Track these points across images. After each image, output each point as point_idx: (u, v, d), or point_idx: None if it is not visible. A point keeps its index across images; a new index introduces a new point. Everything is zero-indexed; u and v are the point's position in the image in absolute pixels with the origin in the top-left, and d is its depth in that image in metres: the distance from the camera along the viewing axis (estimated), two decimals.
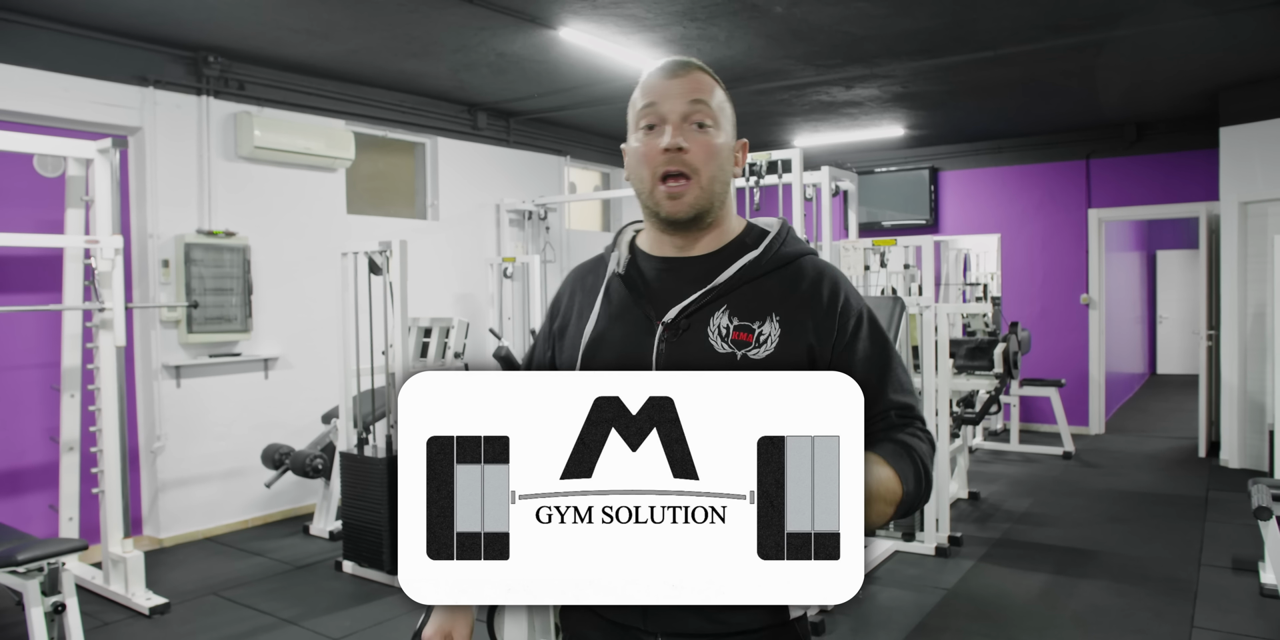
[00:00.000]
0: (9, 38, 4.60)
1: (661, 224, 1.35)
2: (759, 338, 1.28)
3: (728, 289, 1.32)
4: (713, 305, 1.31)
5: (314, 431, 5.77)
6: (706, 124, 1.30)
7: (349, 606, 4.20)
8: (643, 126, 1.32)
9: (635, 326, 1.34)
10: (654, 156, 1.30)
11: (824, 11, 4.73)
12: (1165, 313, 13.49)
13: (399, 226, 6.71)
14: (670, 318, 1.31)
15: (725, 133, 1.34)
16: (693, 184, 1.29)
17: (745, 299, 1.31)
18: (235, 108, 5.58)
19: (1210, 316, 7.58)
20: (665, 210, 1.31)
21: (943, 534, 4.94)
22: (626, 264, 1.41)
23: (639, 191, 1.34)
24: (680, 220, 1.32)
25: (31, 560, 3.25)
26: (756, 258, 1.34)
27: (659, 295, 1.35)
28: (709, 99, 1.31)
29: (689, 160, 1.29)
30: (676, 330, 1.30)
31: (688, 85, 1.31)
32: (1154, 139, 8.13)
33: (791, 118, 7.65)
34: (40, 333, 4.79)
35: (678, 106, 1.29)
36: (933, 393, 4.94)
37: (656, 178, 1.30)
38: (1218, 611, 3.99)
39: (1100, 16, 4.88)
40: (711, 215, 1.34)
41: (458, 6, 4.56)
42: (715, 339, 1.29)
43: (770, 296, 1.32)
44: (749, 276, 1.33)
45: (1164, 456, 7.54)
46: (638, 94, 1.34)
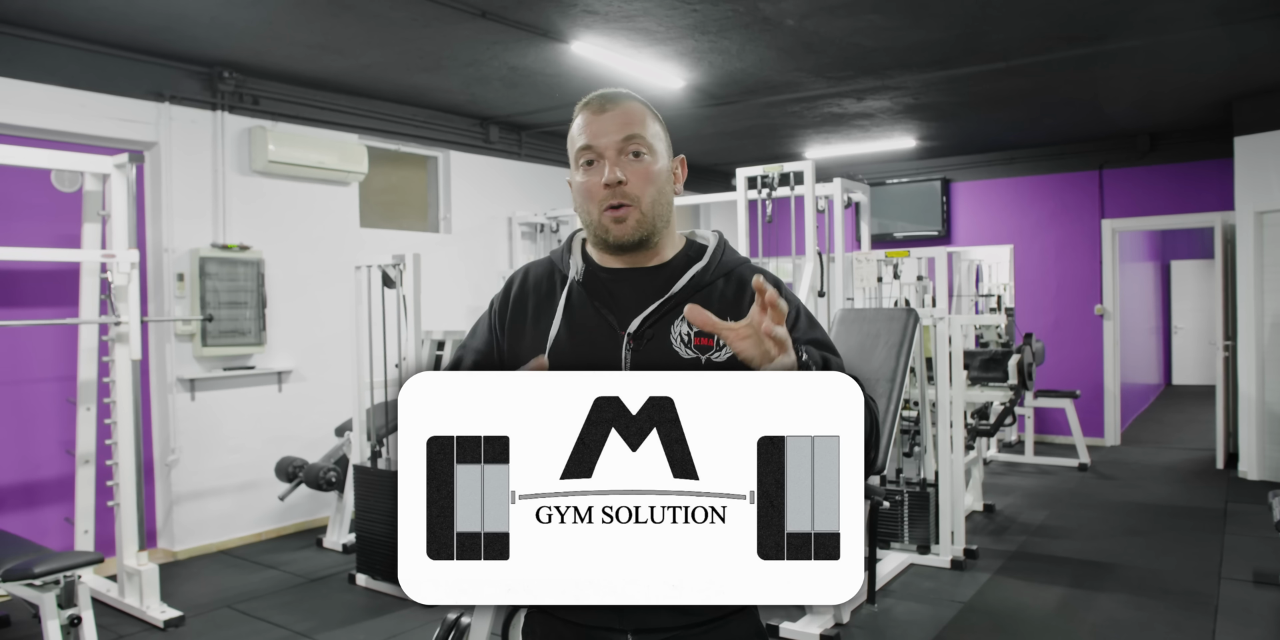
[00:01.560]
0: (27, 55, 4.67)
1: (610, 249, 1.41)
2: (718, 342, 1.36)
3: (683, 298, 1.39)
4: (671, 314, 1.38)
5: (327, 444, 5.79)
6: (641, 152, 1.37)
7: (362, 619, 4.20)
8: (582, 163, 1.38)
9: (599, 335, 1.39)
10: (596, 191, 1.36)
11: (835, 24, 4.74)
12: (1180, 323, 13.39)
13: (412, 240, 6.75)
14: (634, 328, 1.38)
15: (661, 156, 1.41)
16: (634, 210, 1.37)
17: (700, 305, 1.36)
18: (250, 122, 5.64)
19: (1227, 327, 7.51)
20: (613, 236, 1.37)
21: (958, 547, 4.89)
22: (584, 272, 1.45)
23: (586, 224, 1.41)
24: (627, 244, 1.38)
25: (48, 573, 3.26)
26: (703, 267, 1.43)
27: (619, 305, 1.41)
28: (641, 129, 1.38)
29: (629, 191, 1.36)
30: (641, 339, 1.37)
31: (618, 119, 1.37)
32: (1167, 149, 8.10)
33: (803, 130, 7.66)
34: (57, 346, 4.82)
35: (611, 141, 1.36)
36: (947, 404, 4.92)
37: (601, 210, 1.37)
38: (1239, 626, 3.93)
39: (1111, 27, 4.87)
40: (656, 236, 1.41)
41: (469, 21, 4.60)
42: (679, 346, 1.37)
43: (721, 302, 1.41)
44: (699, 285, 1.41)
45: (1181, 468, 7.46)
46: (574, 131, 1.40)
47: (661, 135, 1.42)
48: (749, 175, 5.15)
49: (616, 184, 1.35)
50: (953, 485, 4.89)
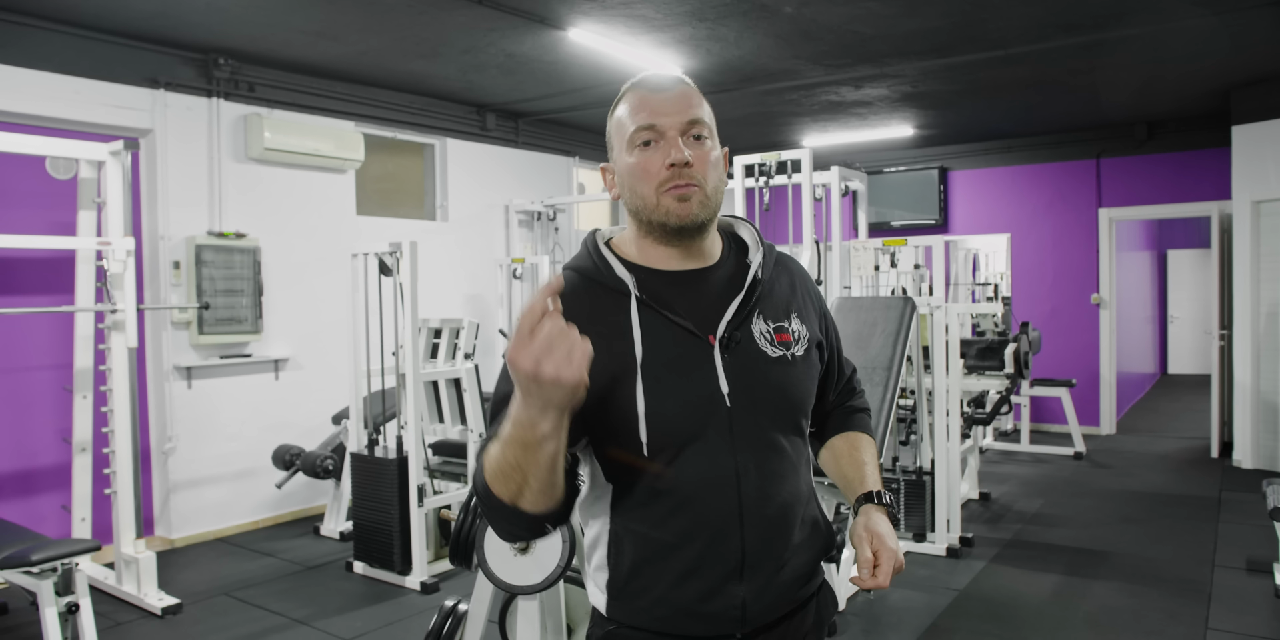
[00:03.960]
0: (21, 41, 4.63)
1: (670, 235, 1.32)
2: (795, 335, 1.36)
3: (758, 296, 1.36)
4: (749, 314, 1.35)
5: (324, 432, 5.79)
6: (704, 136, 1.30)
7: (360, 607, 4.21)
8: (639, 143, 1.29)
9: (685, 347, 1.30)
10: (656, 171, 1.28)
11: (833, 11, 4.72)
12: (1176, 312, 13.41)
13: (408, 227, 6.73)
14: (721, 332, 1.31)
15: (717, 143, 1.35)
16: (699, 191, 1.29)
17: (768, 302, 1.37)
18: (245, 109, 5.61)
19: (1223, 316, 7.53)
20: (675, 217, 1.28)
21: (954, 535, 4.92)
22: (639, 284, 1.33)
23: (639, 208, 1.31)
24: (690, 225, 1.30)
25: (45, 561, 3.27)
26: (763, 261, 1.39)
27: (691, 311, 1.32)
28: (702, 112, 1.32)
29: (694, 173, 1.28)
30: (731, 343, 1.32)
31: (681, 100, 1.30)
32: (1165, 138, 8.09)
33: (801, 118, 7.64)
34: (52, 334, 4.81)
35: (676, 121, 1.28)
36: (943, 393, 4.92)
37: (662, 190, 1.28)
38: (1232, 613, 3.96)
39: (1110, 15, 4.86)
40: (712, 223, 1.35)
41: (466, 8, 4.57)
42: (765, 344, 1.34)
43: (781, 295, 1.40)
44: (761, 278, 1.38)
45: (1176, 457, 7.50)
46: (627, 111, 1.31)
47: (714, 123, 1.36)
48: (747, 163, 5.14)
49: (685, 164, 1.26)
50: (949, 473, 4.91)
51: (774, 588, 1.34)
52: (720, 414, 1.29)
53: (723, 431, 1.29)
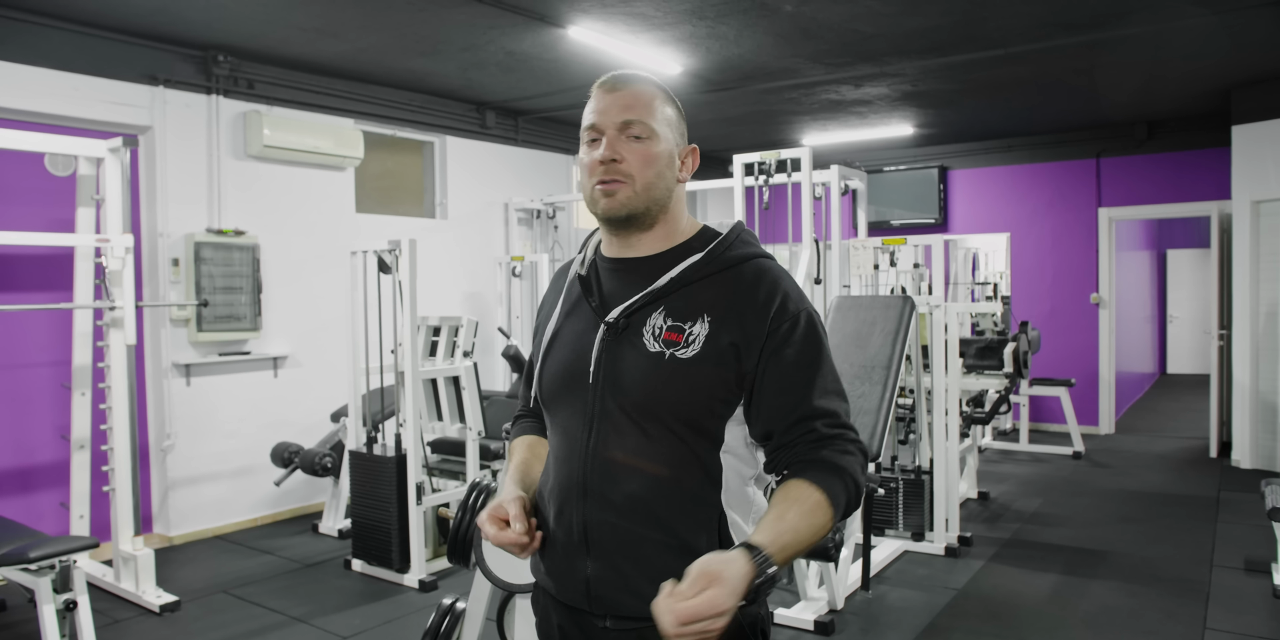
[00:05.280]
0: (20, 37, 4.62)
1: (604, 224, 1.43)
2: (687, 338, 1.33)
3: (667, 291, 1.37)
4: (651, 306, 1.37)
5: (323, 430, 5.79)
6: (641, 136, 1.37)
7: (358, 605, 4.21)
8: (586, 140, 1.41)
9: (585, 324, 1.43)
10: (593, 167, 1.38)
11: (833, 10, 4.72)
12: (1176, 312, 13.42)
13: (408, 225, 6.73)
14: (612, 317, 1.38)
15: (664, 141, 1.39)
16: (626, 186, 1.36)
17: (682, 300, 1.37)
18: (245, 107, 5.60)
19: (1222, 316, 7.53)
20: (600, 208, 1.38)
21: (952, 534, 4.92)
22: (589, 265, 1.49)
23: (585, 199, 1.43)
24: (614, 217, 1.38)
25: (43, 558, 3.26)
26: (698, 261, 1.38)
27: (608, 295, 1.43)
28: (644, 113, 1.37)
29: (622, 169, 1.36)
30: (616, 329, 1.38)
31: (624, 100, 1.38)
32: (1165, 137, 8.09)
33: (800, 116, 7.63)
34: (51, 331, 4.81)
35: (613, 120, 1.37)
36: (942, 392, 4.92)
37: (594, 185, 1.38)
38: (1230, 613, 3.96)
39: (1110, 14, 4.85)
40: (649, 217, 1.39)
41: (466, 5, 4.56)
42: (648, 338, 1.36)
43: (706, 298, 1.36)
44: (689, 279, 1.37)
45: (1175, 457, 7.50)
46: (587, 109, 1.43)
47: (672, 120, 1.41)
48: (746, 162, 5.13)
49: (609, 161, 1.36)
50: (947, 473, 4.91)
51: (626, 580, 1.34)
52: (584, 389, 1.38)
53: (584, 406, 1.38)
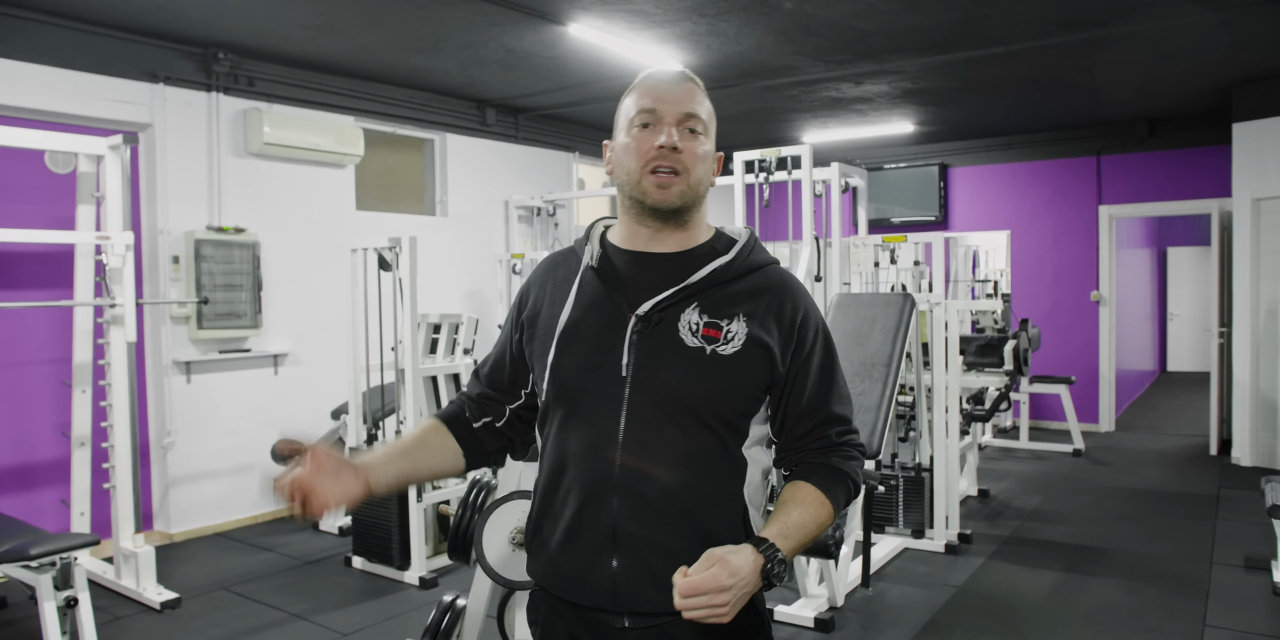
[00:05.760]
0: (20, 34, 4.62)
1: (644, 214, 1.40)
2: (726, 334, 1.36)
3: (700, 288, 1.38)
4: (685, 302, 1.38)
5: (323, 427, 5.79)
6: (698, 131, 1.39)
7: (358, 602, 4.22)
8: (638, 124, 1.38)
9: (609, 316, 1.39)
10: (647, 151, 1.36)
11: (834, 7, 4.71)
12: (1176, 310, 13.42)
13: (408, 223, 6.72)
14: (644, 310, 1.37)
15: (711, 142, 1.42)
16: (681, 179, 1.36)
17: (715, 299, 1.38)
18: (245, 104, 5.60)
19: (1222, 313, 7.53)
20: (651, 199, 1.36)
21: (952, 531, 4.92)
22: (599, 257, 1.45)
23: (624, 183, 1.40)
24: (666, 209, 1.37)
25: (44, 555, 3.26)
26: (728, 263, 1.41)
27: (631, 288, 1.40)
28: (701, 109, 1.40)
29: (681, 159, 1.36)
30: (649, 322, 1.37)
31: (686, 94, 1.39)
32: (1165, 135, 8.08)
33: (801, 114, 7.63)
34: (51, 328, 4.81)
35: (675, 110, 1.37)
36: (942, 390, 4.93)
37: (646, 170, 1.36)
38: (1230, 610, 3.97)
39: (1111, 12, 4.85)
40: (690, 213, 1.41)
41: (467, 2, 4.56)
42: (685, 333, 1.36)
43: (738, 299, 1.39)
44: (719, 279, 1.40)
45: (1175, 454, 7.50)
46: (633, 96, 1.41)
47: (713, 125, 1.43)
48: (746, 159, 5.12)
49: (673, 149, 1.34)
50: (948, 470, 4.91)
51: (655, 576, 1.29)
52: (615, 384, 1.35)
53: (615, 401, 1.35)
